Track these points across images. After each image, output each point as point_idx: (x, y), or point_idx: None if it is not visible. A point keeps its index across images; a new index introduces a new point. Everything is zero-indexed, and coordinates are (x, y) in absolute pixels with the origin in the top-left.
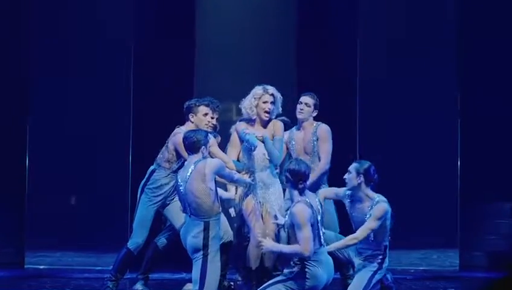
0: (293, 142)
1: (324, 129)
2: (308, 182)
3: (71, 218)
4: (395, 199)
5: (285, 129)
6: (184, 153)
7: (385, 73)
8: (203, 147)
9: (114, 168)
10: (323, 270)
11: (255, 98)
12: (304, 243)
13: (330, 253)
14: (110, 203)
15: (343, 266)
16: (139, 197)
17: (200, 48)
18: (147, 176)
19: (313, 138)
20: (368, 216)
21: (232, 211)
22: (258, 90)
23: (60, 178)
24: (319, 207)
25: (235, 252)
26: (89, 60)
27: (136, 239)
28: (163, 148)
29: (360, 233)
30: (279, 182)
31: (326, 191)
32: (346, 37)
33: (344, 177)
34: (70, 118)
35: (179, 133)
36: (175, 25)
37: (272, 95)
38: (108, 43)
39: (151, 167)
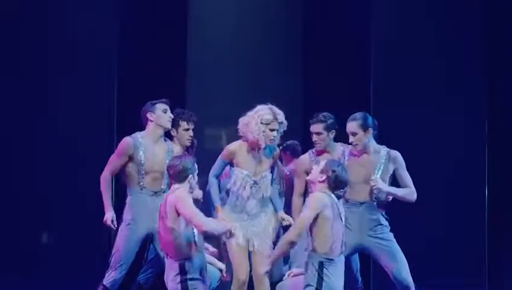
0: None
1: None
2: None
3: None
4: (408, 232)
5: (298, 155)
6: None
7: (401, 78)
8: (190, 176)
9: (90, 198)
10: (338, 279)
11: (262, 124)
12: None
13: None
14: (86, 236)
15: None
16: None
17: (191, 68)
18: None
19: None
20: None
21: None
22: (266, 114)
23: (27, 210)
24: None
25: None
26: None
27: (114, 274)
28: None
29: None
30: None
31: None
32: (359, 45)
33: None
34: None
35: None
36: (164, 43)
37: (282, 123)
38: (89, 56)
39: None
